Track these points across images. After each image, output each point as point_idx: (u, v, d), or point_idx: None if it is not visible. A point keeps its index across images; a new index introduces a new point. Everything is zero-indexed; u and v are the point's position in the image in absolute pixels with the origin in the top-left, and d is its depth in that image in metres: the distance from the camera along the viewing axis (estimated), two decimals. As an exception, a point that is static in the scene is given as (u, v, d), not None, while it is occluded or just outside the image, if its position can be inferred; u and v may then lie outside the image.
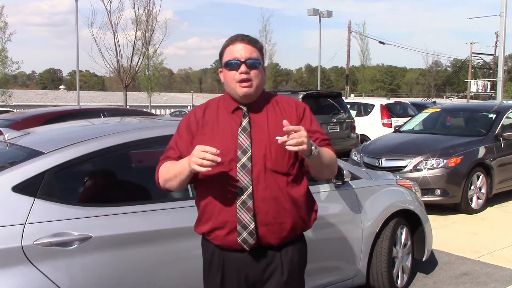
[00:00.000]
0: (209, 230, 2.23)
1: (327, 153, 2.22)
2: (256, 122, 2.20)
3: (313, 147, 2.06)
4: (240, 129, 2.17)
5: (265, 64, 2.32)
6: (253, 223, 2.13)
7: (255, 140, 2.16)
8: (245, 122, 2.19)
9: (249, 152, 2.13)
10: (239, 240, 2.15)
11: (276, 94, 2.39)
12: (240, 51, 2.17)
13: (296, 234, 2.27)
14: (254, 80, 2.17)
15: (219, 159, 1.97)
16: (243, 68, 2.15)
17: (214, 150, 1.98)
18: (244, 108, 2.21)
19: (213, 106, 2.29)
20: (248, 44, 2.19)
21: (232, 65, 2.17)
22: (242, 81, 2.15)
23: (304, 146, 2.00)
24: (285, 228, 2.19)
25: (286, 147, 1.99)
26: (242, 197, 2.12)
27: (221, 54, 2.24)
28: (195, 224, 2.34)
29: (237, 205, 2.13)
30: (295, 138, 1.98)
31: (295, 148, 1.99)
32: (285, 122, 1.99)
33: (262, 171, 2.14)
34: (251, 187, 2.12)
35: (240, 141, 2.15)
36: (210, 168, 1.99)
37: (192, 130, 2.24)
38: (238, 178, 2.12)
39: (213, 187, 2.17)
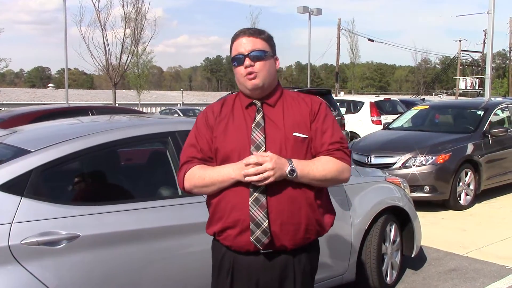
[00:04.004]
0: (221, 230, 2.13)
1: (319, 169, 2.09)
2: (271, 118, 2.14)
3: (288, 171, 2.01)
4: (253, 125, 2.12)
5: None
6: (267, 221, 2.03)
7: (270, 136, 2.10)
8: (258, 117, 2.13)
9: (262, 148, 2.07)
10: (251, 239, 2.05)
11: (294, 90, 2.33)
12: (243, 45, 2.13)
13: (311, 239, 2.18)
14: (261, 72, 2.12)
15: (262, 161, 1.97)
16: (247, 61, 2.11)
17: (252, 159, 1.98)
18: (258, 103, 2.16)
19: (229, 102, 2.24)
20: (251, 36, 2.14)
21: (238, 60, 2.13)
22: (248, 74, 2.11)
23: (271, 179, 1.99)
24: (299, 229, 2.10)
25: (246, 179, 2.00)
26: (255, 194, 2.04)
27: (230, 52, 2.21)
28: (207, 224, 2.24)
29: (250, 203, 2.04)
30: (259, 173, 1.97)
31: (258, 184, 2.00)
32: (253, 152, 2.00)
33: None
34: None
35: (253, 136, 2.09)
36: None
37: (211, 125, 2.18)
38: None
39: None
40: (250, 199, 2.05)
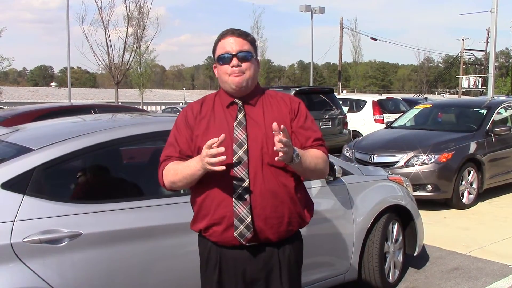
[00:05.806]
0: (206, 227, 2.21)
1: (313, 157, 2.18)
2: (252, 117, 2.20)
3: (294, 155, 2.04)
4: (235, 123, 2.17)
5: (258, 57, 2.32)
6: (250, 216, 2.12)
7: (251, 134, 2.16)
8: (240, 116, 2.19)
9: (245, 145, 2.13)
10: (235, 234, 2.13)
11: (271, 89, 2.40)
12: (231, 44, 2.18)
13: (293, 231, 2.27)
14: (247, 72, 2.19)
15: (222, 149, 1.96)
16: (234, 61, 2.17)
17: (216, 140, 1.96)
18: (239, 102, 2.22)
19: (209, 101, 2.30)
20: (239, 37, 2.20)
21: (224, 59, 2.19)
22: (233, 72, 2.17)
23: (284, 157, 1.99)
24: (282, 222, 2.18)
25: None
26: (238, 190, 2.11)
27: (214, 50, 2.26)
28: (192, 222, 2.32)
29: (233, 199, 2.12)
30: (285, 147, 1.97)
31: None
32: (282, 127, 1.98)
33: (259, 165, 2.14)
34: (247, 180, 2.12)
35: (236, 135, 2.15)
36: (224, 167, 1.98)
37: (190, 124, 2.24)
38: (234, 171, 2.12)
39: (210, 182, 2.15)
40: (233, 195, 2.12)
